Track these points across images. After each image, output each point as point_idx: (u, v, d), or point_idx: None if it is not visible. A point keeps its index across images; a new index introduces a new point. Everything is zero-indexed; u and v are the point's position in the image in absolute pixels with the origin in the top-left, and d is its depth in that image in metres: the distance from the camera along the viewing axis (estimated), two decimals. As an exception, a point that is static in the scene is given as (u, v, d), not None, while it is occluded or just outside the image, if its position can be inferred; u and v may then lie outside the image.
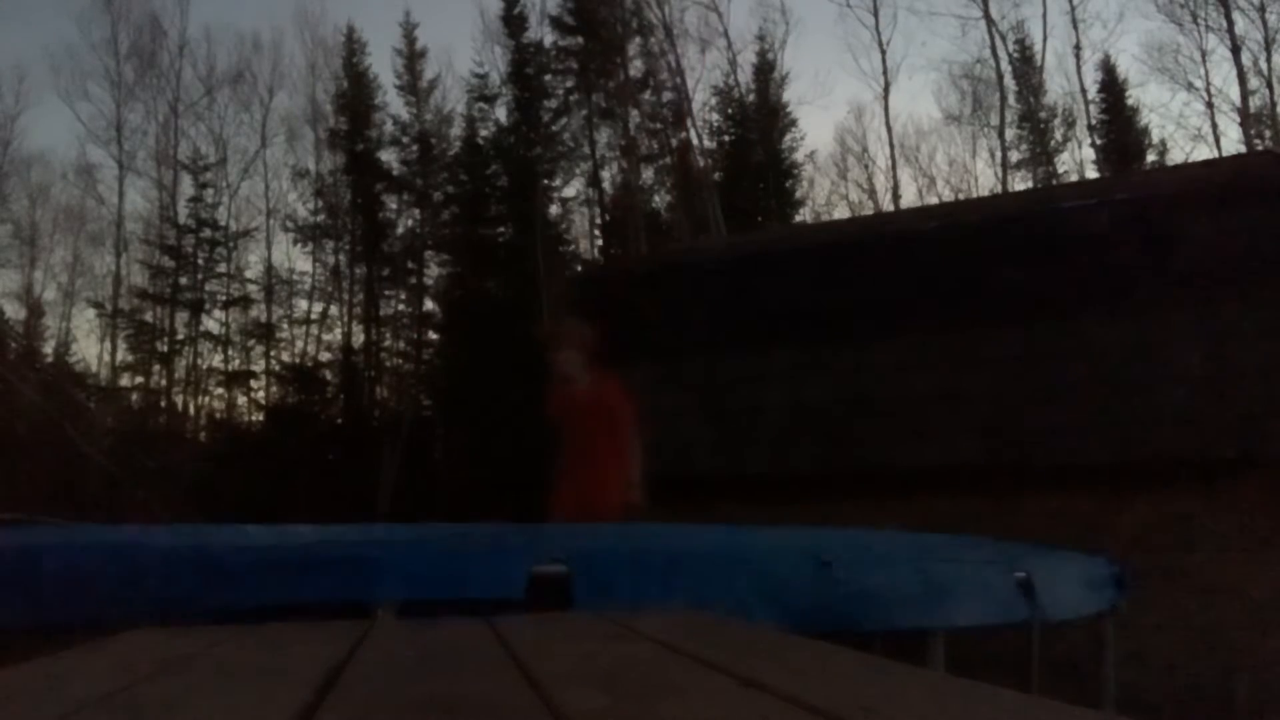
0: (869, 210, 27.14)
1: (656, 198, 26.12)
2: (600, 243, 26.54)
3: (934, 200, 26.20)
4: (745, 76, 27.13)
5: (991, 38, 25.69)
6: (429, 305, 27.14)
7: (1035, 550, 3.60)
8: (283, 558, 2.51)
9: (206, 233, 27.11)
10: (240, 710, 1.06)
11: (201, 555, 2.55)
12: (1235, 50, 23.27)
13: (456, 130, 27.34)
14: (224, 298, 27.34)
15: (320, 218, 27.91)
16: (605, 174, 26.22)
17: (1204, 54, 24.52)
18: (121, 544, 2.69)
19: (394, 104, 27.81)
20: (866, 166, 29.43)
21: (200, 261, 26.90)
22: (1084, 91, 25.81)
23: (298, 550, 2.64)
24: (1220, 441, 5.44)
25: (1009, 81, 26.12)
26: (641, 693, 1.13)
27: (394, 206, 27.51)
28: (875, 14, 26.60)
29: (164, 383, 26.91)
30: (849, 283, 6.94)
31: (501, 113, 26.19)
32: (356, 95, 27.48)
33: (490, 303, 23.19)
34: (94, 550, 2.55)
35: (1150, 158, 25.05)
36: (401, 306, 27.74)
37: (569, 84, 25.44)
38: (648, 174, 25.89)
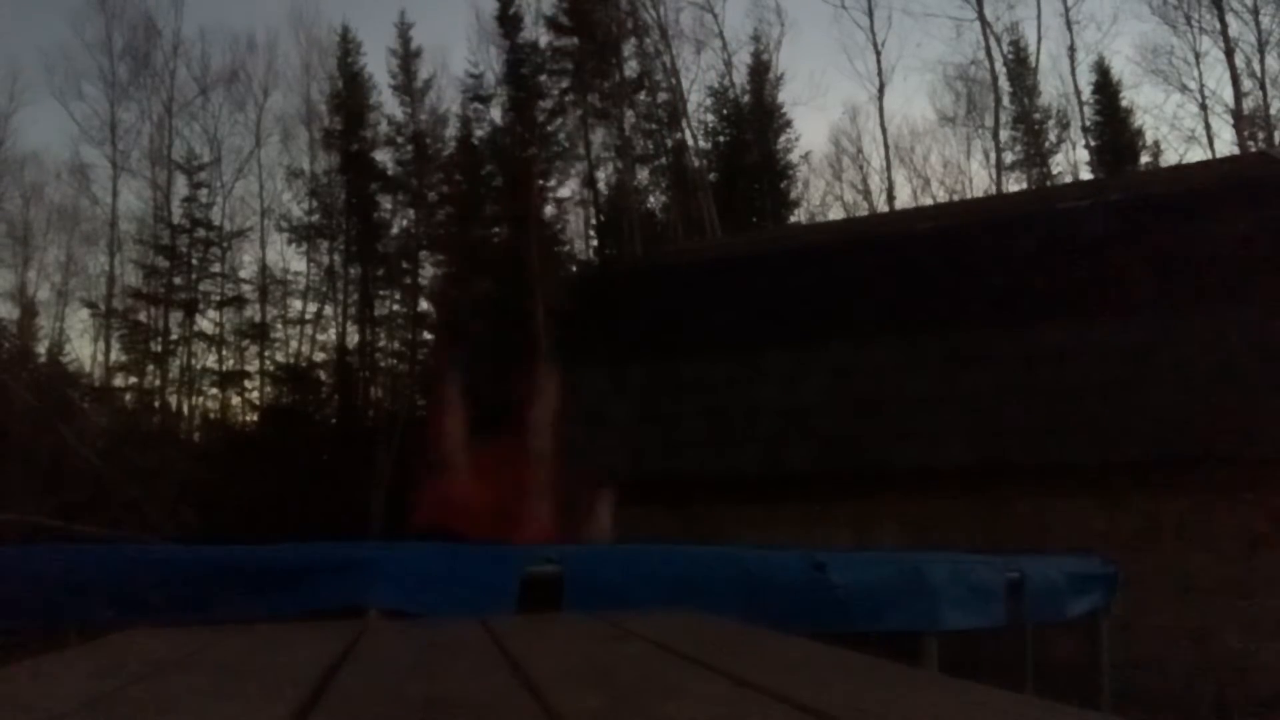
0: (864, 211, 27.17)
1: (652, 198, 26.16)
2: (595, 243, 26.55)
3: (929, 201, 26.21)
4: (740, 77, 27.20)
5: (986, 39, 25.74)
6: (423, 305, 27.12)
7: (1026, 552, 3.61)
8: (280, 563, 2.51)
9: (200, 233, 27.07)
10: (235, 711, 1.06)
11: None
12: (1229, 52, 23.35)
13: (451, 130, 27.32)
14: (218, 298, 27.30)
15: (315, 218, 27.87)
16: (600, 174, 26.24)
17: (1198, 56, 24.59)
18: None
19: (389, 104, 27.79)
20: (861, 167, 29.47)
21: (194, 261, 26.86)
22: (1078, 93, 25.89)
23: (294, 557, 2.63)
24: (1216, 442, 5.45)
25: (1003, 83, 26.18)
26: (636, 693, 1.13)
27: (388, 206, 27.48)
28: (870, 15, 26.63)
29: (158, 383, 26.86)
30: (843, 284, 6.94)
31: (496, 113, 26.19)
32: (351, 95, 27.43)
33: (485, 303, 23.18)
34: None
35: (1144, 159, 25.12)
36: (396, 306, 27.70)
37: (564, 84, 25.43)
38: (643, 174, 25.94)
